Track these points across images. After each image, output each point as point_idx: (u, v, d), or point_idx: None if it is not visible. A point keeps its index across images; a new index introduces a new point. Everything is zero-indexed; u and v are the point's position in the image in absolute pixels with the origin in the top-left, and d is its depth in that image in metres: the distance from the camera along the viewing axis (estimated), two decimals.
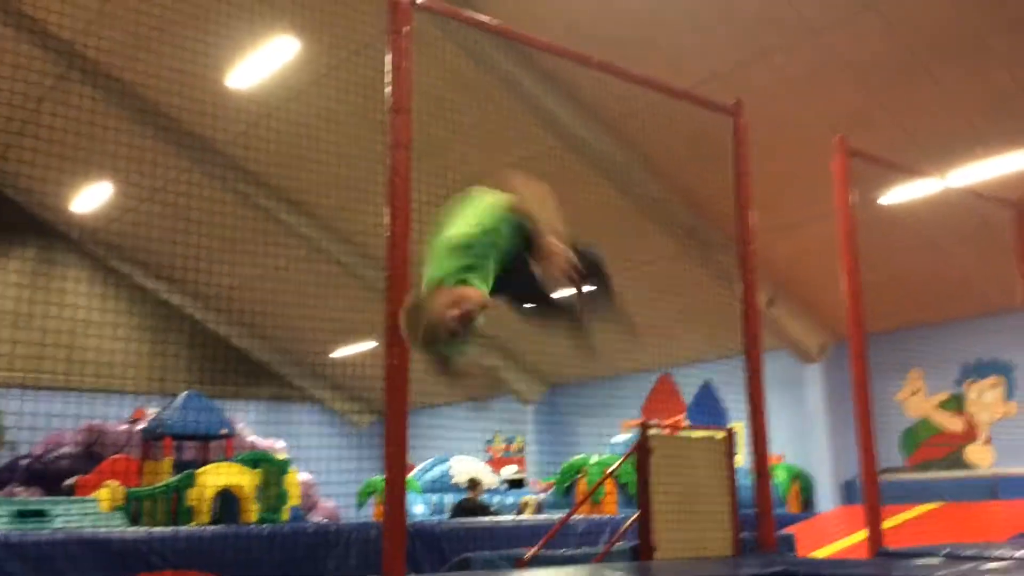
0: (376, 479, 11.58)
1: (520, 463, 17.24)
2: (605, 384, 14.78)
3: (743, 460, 7.95)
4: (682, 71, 8.86)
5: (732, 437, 5.70)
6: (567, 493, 10.35)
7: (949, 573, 3.57)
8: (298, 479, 9.08)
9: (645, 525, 5.10)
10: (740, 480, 5.89)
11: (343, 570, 5.97)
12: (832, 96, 9.47)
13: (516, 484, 13.81)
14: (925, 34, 8.75)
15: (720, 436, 5.72)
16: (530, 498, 11.47)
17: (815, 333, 13.18)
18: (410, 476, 10.70)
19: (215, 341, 18.05)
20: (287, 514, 7.86)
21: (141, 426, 9.95)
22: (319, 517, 11.03)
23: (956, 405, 12.07)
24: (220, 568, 5.70)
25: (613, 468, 6.52)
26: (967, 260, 10.66)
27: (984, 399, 11.83)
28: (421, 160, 4.52)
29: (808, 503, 11.87)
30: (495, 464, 16.26)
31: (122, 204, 13.34)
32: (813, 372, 13.26)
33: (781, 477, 11.33)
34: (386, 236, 4.24)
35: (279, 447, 11.04)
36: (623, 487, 9.77)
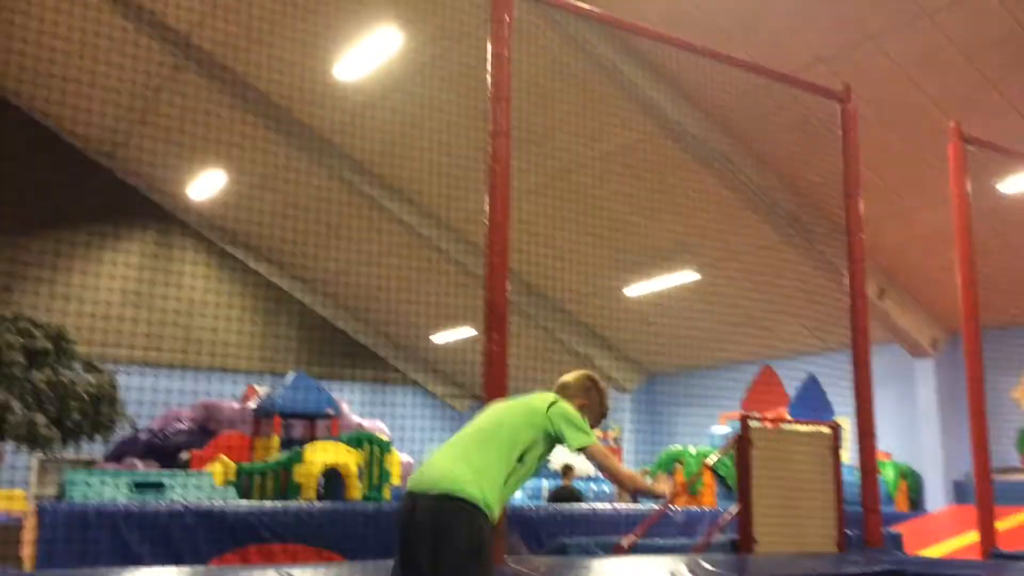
0: None
1: (617, 452, 17.20)
2: (705, 375, 14.58)
3: (849, 456, 7.75)
4: (786, 56, 8.63)
5: (837, 432, 5.56)
6: None
7: None
8: (400, 459, 9.28)
9: (745, 518, 5.04)
10: (846, 476, 5.75)
11: None
12: (945, 80, 9.07)
13: None
14: None
15: (825, 430, 5.59)
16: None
17: (927, 326, 12.70)
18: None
19: (321, 324, 18.62)
20: (389, 493, 8.05)
21: (252, 404, 10.32)
22: None
23: None
24: (326, 543, 5.90)
25: (711, 459, 6.45)
26: None
27: None
28: (521, 147, 4.56)
29: (917, 502, 11.47)
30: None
31: (235, 190, 13.86)
32: (924, 367, 12.78)
33: (889, 475, 10.98)
34: (485, 223, 4.29)
35: (382, 428, 11.30)
36: (722, 479, 9.64)
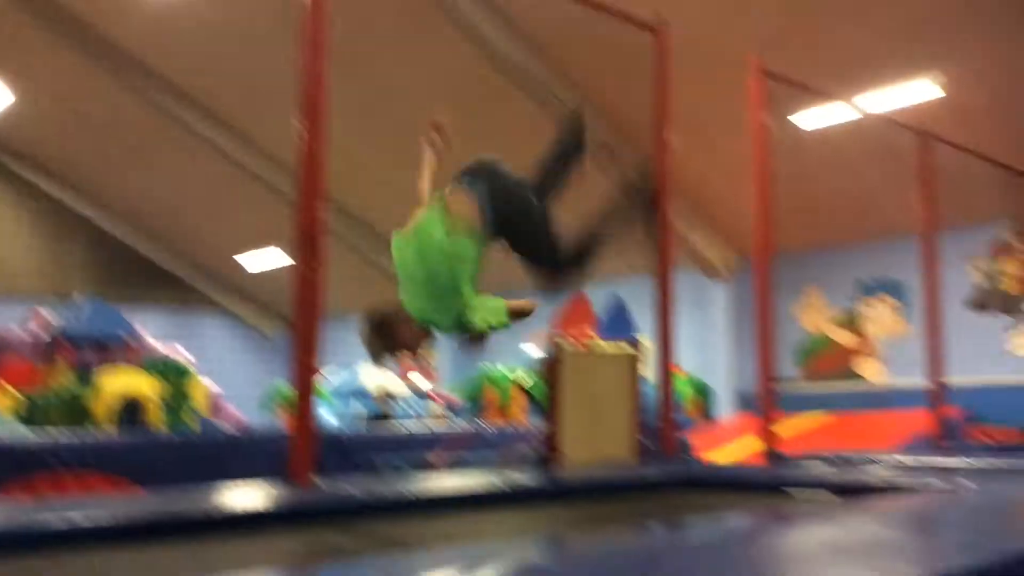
0: (282, 385, 11.51)
1: (428, 372, 17.36)
2: (517, 296, 14.89)
3: (650, 373, 8.17)
4: None
5: (639, 350, 5.83)
6: (475, 402, 10.50)
7: (837, 476, 3.77)
8: (204, 386, 8.97)
9: (553, 433, 5.22)
10: (646, 392, 6.05)
11: (249, 475, 5.95)
12: (751, 16, 9.47)
13: (423, 395, 13.91)
14: None
15: (629, 350, 5.84)
16: (435, 407, 11.61)
17: (722, 251, 13.50)
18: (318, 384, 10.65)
19: (117, 246, 17.45)
20: (192, 420, 7.77)
21: (38, 330, 9.60)
22: (224, 424, 10.93)
23: (851, 321, 12.62)
24: (122, 472, 5.62)
25: (525, 381, 6.61)
26: (871, 184, 10.99)
27: (877, 316, 12.39)
28: (339, 68, 4.35)
29: (707, 413, 12.34)
30: (402, 373, 16.33)
31: (22, 104, 12.57)
32: (718, 289, 13.62)
33: (683, 388, 11.71)
34: (298, 140, 4.09)
35: (183, 354, 10.83)
36: (531, 398, 9.96)
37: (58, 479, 5.40)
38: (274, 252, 15.91)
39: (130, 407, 7.23)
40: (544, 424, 5.39)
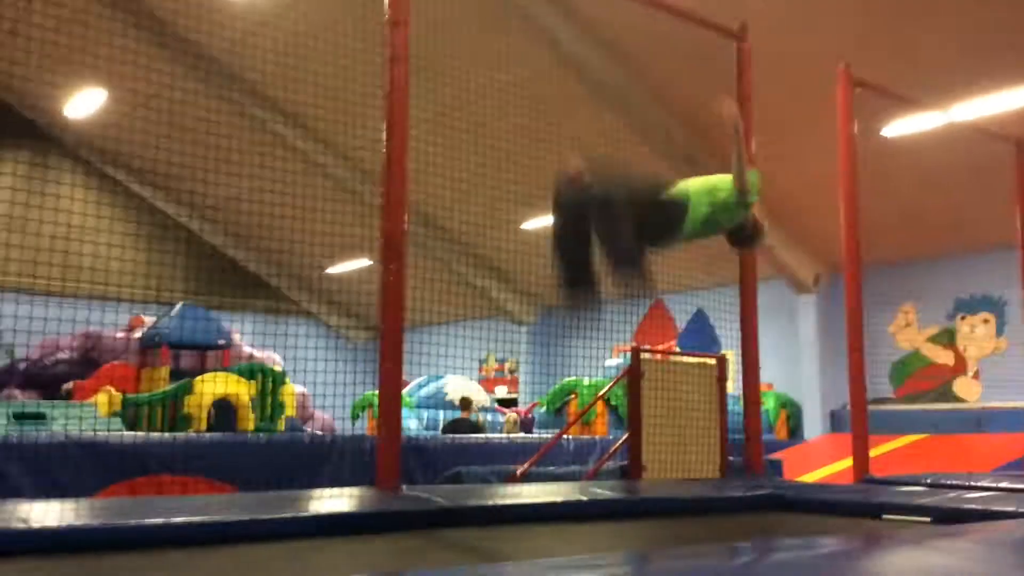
0: (370, 393, 11.71)
1: (513, 384, 17.44)
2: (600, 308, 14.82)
3: (734, 387, 8.06)
4: None
5: (723, 363, 5.76)
6: (559, 414, 10.50)
7: (932, 500, 3.65)
8: (294, 391, 9.19)
9: (635, 446, 5.19)
10: (730, 407, 5.97)
11: (337, 480, 6.09)
12: (836, 24, 9.26)
13: (508, 404, 14.00)
14: None
15: (711, 362, 5.78)
16: (511, 415, 11.67)
17: (810, 263, 13.20)
18: (404, 392, 10.82)
19: (211, 252, 18.06)
20: (283, 424, 7.98)
21: (138, 334, 10.00)
22: (315, 429, 11.19)
23: (947, 339, 12.19)
24: (218, 474, 5.81)
25: (604, 390, 6.60)
26: (965, 195, 10.61)
27: (975, 334, 11.93)
28: (419, 75, 4.45)
29: (796, 431, 12.07)
30: (488, 384, 16.44)
31: (116, 110, 13.14)
32: (807, 303, 13.32)
33: (770, 405, 11.49)
34: (382, 152, 4.19)
35: (276, 359, 11.14)
36: (614, 409, 9.91)
37: (156, 480, 5.62)
38: (363, 262, 16.24)
39: (224, 410, 7.47)
40: (627, 437, 5.36)
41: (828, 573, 1.96)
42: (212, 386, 7.45)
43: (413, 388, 12.34)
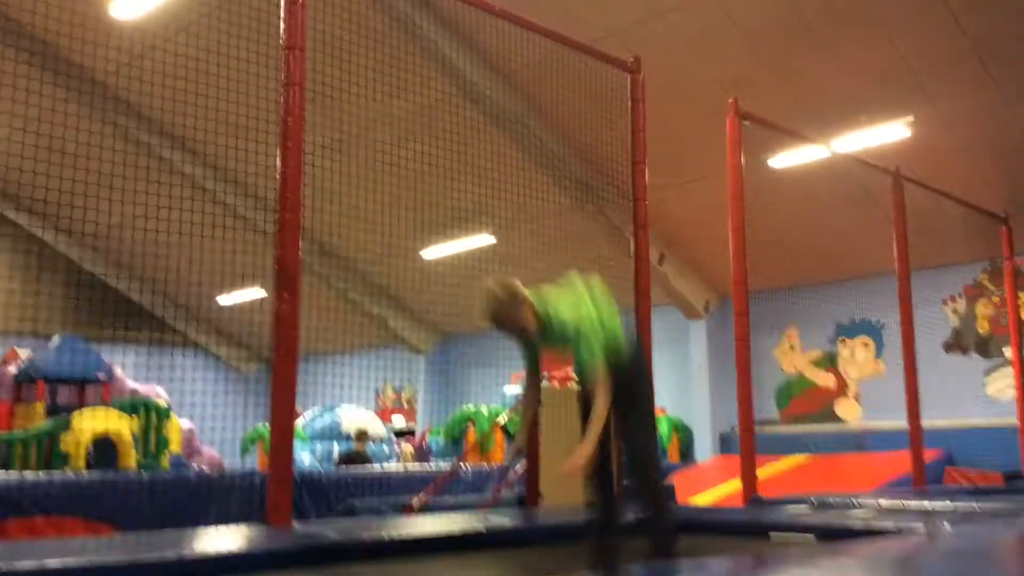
0: (261, 426, 11.39)
1: (410, 413, 17.26)
2: (496, 336, 14.88)
3: None
4: (580, 26, 8.84)
5: None
6: (456, 442, 10.43)
7: (817, 519, 3.76)
8: (180, 426, 8.86)
9: (532, 474, 5.19)
10: None
11: (226, 518, 5.87)
12: (725, 58, 9.63)
13: (405, 435, 13.83)
14: (816, 1, 8.97)
15: None
16: (407, 448, 11.55)
17: (700, 290, 13.56)
18: (297, 424, 10.59)
19: (92, 282, 17.30)
20: (167, 461, 7.67)
21: (13, 368, 9.47)
22: (201, 465, 10.81)
23: (829, 362, 12.69)
24: (97, 515, 5.52)
25: (502, 419, 6.59)
26: (846, 224, 11.12)
27: (855, 357, 12.47)
28: (315, 101, 4.40)
29: (687, 454, 12.32)
30: (385, 414, 16.24)
31: None
32: (697, 328, 13.65)
33: (663, 429, 11.70)
34: (277, 178, 4.11)
35: (160, 393, 10.73)
36: (511, 437, 9.90)
37: (30, 522, 5.30)
38: (254, 291, 15.85)
39: (104, 448, 7.13)
40: (523, 465, 5.36)
41: None
42: (91, 422, 7.11)
43: (307, 420, 12.07)
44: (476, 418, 10.50)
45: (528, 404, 3.82)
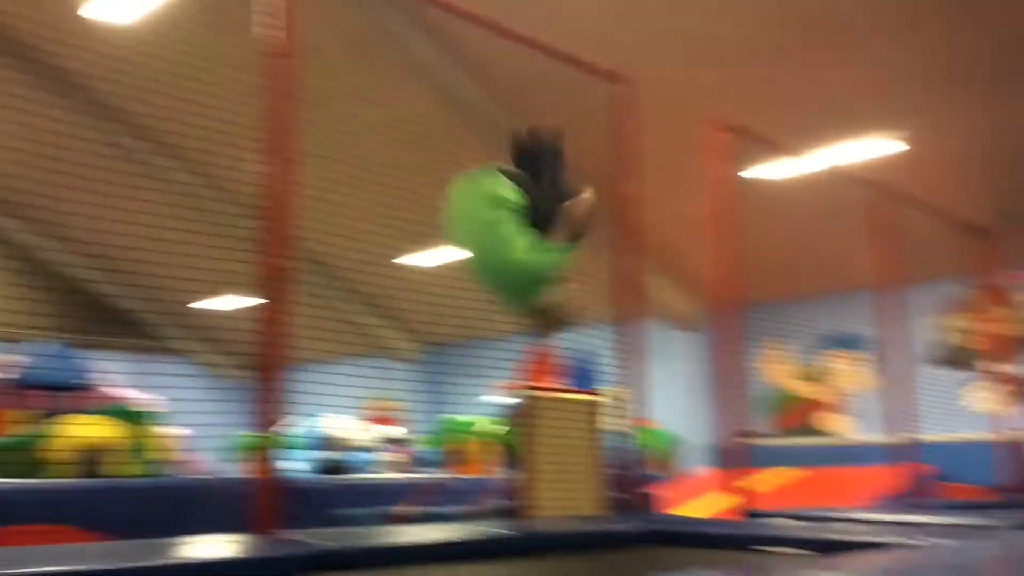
0: (248, 435, 11.31)
1: (401, 422, 17.18)
2: (479, 344, 14.87)
3: (617, 424, 8.14)
4: (566, 36, 8.85)
5: (607, 400, 5.81)
6: (447, 452, 10.39)
7: (810, 532, 3.75)
8: (167, 432, 8.79)
9: (524, 484, 5.16)
10: (613, 443, 6.02)
11: (213, 526, 5.81)
12: (712, 69, 9.67)
13: (399, 443, 13.75)
14: (796, 16, 9.01)
15: (596, 399, 5.82)
16: (399, 456, 11.50)
17: (691, 302, 13.60)
18: (286, 433, 10.50)
19: (80, 287, 17.20)
20: (155, 468, 7.60)
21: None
22: (189, 472, 10.72)
23: (814, 375, 12.71)
24: (81, 522, 5.46)
25: (497, 430, 6.56)
26: (833, 237, 11.16)
27: (840, 370, 12.49)
28: (300, 107, 4.37)
29: (678, 466, 12.31)
30: (372, 423, 16.14)
31: None
32: (687, 341, 13.68)
33: (652, 440, 11.68)
34: (263, 185, 4.08)
35: (148, 399, 10.64)
36: (511, 448, 9.86)
37: (8, 530, 5.22)
38: (241, 298, 15.77)
39: (89, 454, 7.04)
40: (514, 475, 5.33)
41: None
42: (79, 429, 7.03)
43: (293, 429, 11.98)
44: (465, 427, 10.45)
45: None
